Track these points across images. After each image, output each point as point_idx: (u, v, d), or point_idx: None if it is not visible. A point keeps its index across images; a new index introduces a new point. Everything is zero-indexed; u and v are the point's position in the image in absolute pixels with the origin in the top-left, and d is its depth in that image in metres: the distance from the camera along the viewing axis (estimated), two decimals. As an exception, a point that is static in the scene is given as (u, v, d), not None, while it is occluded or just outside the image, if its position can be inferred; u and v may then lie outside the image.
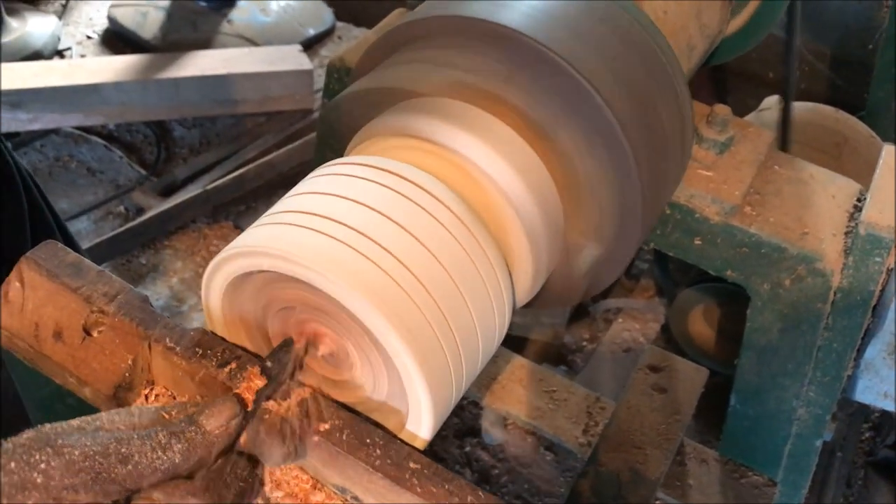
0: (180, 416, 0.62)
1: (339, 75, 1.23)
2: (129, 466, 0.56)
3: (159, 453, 0.58)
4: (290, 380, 0.68)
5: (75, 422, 0.59)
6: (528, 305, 0.86)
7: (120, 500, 0.58)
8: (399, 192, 0.71)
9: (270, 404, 0.66)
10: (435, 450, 1.95)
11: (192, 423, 0.60)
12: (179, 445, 0.59)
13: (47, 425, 0.58)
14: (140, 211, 2.41)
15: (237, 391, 0.66)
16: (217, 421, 0.61)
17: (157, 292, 2.24)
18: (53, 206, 1.44)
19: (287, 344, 0.69)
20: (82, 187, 2.51)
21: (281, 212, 0.70)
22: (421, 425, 0.68)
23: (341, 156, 0.85)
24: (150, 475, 0.57)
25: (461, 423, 2.00)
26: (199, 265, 2.31)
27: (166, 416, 0.62)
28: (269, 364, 0.67)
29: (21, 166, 1.33)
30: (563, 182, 0.80)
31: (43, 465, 0.54)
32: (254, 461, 0.64)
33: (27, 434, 0.56)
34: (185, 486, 0.59)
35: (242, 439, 0.64)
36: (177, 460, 0.58)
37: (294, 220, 0.68)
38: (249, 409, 0.64)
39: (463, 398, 1.97)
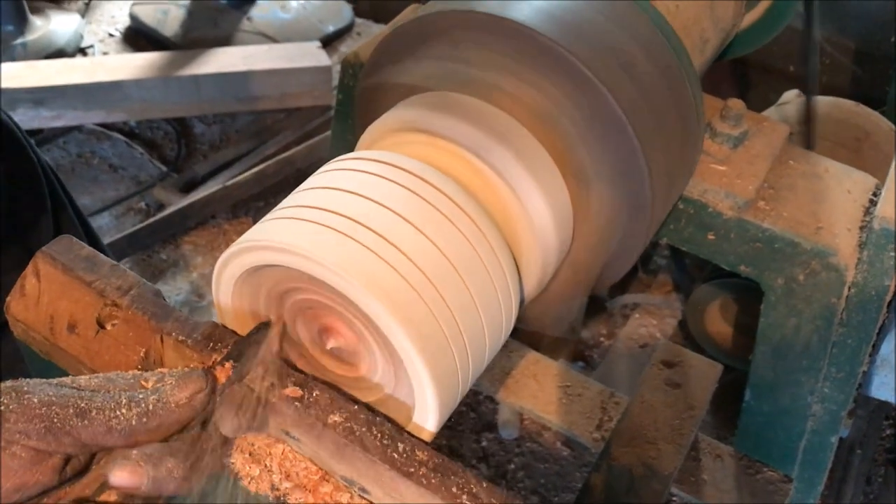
0: (156, 386, 0.63)
1: (353, 71, 1.23)
2: (85, 421, 0.58)
3: (116, 413, 0.59)
4: (264, 361, 0.69)
5: (57, 379, 0.62)
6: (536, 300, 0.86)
7: (78, 454, 0.61)
8: (408, 188, 0.71)
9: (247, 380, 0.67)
10: (451, 445, 1.96)
11: (155, 392, 0.62)
12: (137, 409, 0.60)
13: (29, 380, 0.60)
14: (161, 207, 2.43)
15: (212, 370, 0.67)
16: (182, 393, 0.62)
17: (178, 287, 2.26)
18: (76, 202, 1.46)
19: (260, 328, 0.70)
20: (104, 183, 2.54)
21: (292, 206, 0.71)
22: (427, 418, 0.69)
23: (353, 149, 0.86)
24: (104, 434, 0.59)
25: (478, 418, 2.01)
26: (219, 261, 2.32)
27: (144, 384, 0.64)
28: (236, 345, 0.69)
29: (44, 162, 1.35)
30: (572, 175, 0.80)
31: (1, 407, 0.57)
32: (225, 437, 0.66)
33: (6, 383, 0.59)
34: (164, 447, 0.61)
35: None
36: (133, 423, 0.60)
37: (304, 216, 0.69)
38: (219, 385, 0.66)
39: (478, 394, 1.97)
